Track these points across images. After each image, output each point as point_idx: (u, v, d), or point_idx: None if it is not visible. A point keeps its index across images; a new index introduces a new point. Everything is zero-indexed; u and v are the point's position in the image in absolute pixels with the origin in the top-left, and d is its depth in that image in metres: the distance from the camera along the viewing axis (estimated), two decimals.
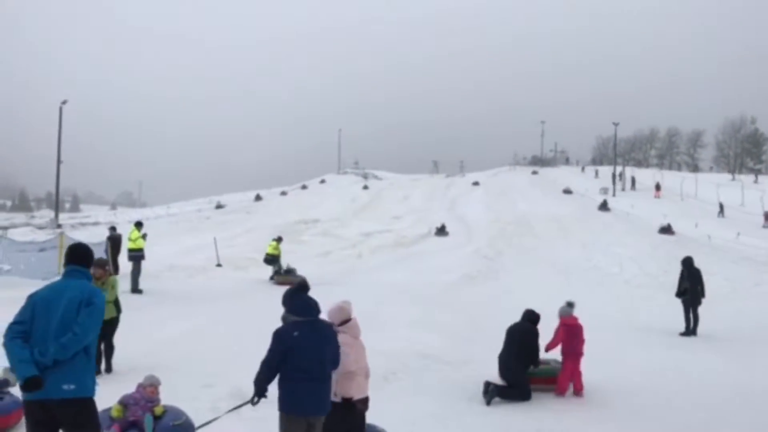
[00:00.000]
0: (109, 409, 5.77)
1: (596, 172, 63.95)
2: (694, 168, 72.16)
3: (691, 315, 13.89)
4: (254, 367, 4.95)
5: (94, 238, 22.71)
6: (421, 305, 15.23)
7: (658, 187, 51.28)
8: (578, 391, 8.56)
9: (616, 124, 59.11)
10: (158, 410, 5.81)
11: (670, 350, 11.72)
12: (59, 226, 43.49)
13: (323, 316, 5.22)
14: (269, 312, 13.18)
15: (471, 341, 11.54)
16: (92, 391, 4.24)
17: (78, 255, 4.51)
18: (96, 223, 52.12)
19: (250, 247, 28.63)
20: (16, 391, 6.26)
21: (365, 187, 64.16)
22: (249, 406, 5.00)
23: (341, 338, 5.28)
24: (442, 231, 34.32)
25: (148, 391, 5.96)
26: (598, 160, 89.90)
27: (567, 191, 51.65)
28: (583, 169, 73.64)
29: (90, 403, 4.21)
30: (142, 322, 11.83)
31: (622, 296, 19.37)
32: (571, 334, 8.66)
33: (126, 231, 20.17)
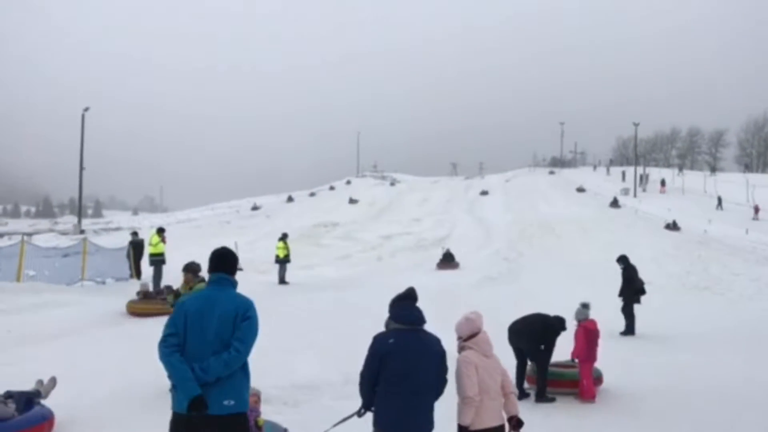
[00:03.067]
0: None
1: (623, 174, 62.90)
2: (713, 168, 71.12)
3: (624, 313, 13.77)
4: (276, 373, 4.91)
5: (117, 243, 22.99)
6: (443, 307, 15.15)
7: (663, 183, 54.35)
8: (591, 398, 8.40)
9: (636, 125, 58.49)
10: (260, 422, 5.61)
11: (692, 352, 11.57)
12: (82, 231, 43.94)
13: (438, 328, 4.79)
14: (289, 317, 13.32)
15: (499, 344, 11.49)
16: (248, 404, 4.18)
17: (224, 261, 4.31)
18: (118, 228, 52.65)
19: (269, 251, 28.73)
20: (47, 401, 6.33)
21: (392, 184, 67.78)
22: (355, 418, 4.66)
23: (466, 355, 4.80)
24: (448, 259, 25.97)
25: (252, 401, 5.80)
26: (617, 161, 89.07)
27: (580, 189, 53.51)
28: (608, 170, 72.61)
29: (245, 418, 4.13)
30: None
31: (644, 298, 19.15)
32: (590, 337, 8.50)
33: (148, 236, 20.41)
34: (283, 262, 21.54)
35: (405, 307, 4.65)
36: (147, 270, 18.01)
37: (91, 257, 18.05)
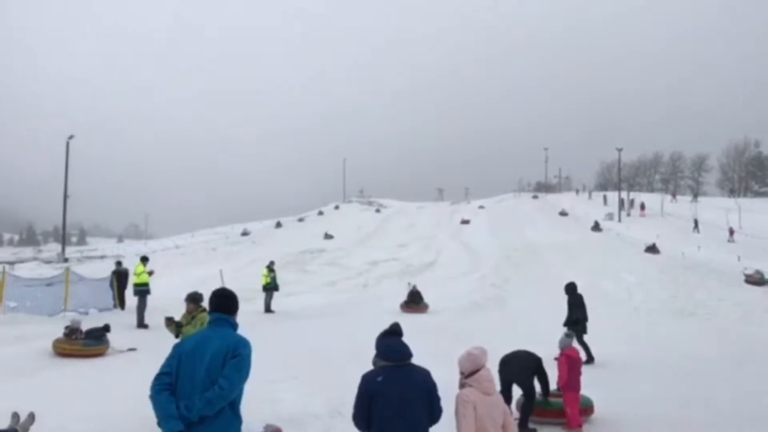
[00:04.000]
0: None
1: (605, 198, 63.75)
2: (695, 194, 71.86)
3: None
4: (260, 404, 4.86)
5: (101, 272, 22.75)
6: (429, 336, 15.09)
7: (642, 207, 55.75)
8: (578, 426, 8.33)
9: (619, 150, 59.26)
10: None
11: (681, 379, 11.54)
12: (66, 260, 43.58)
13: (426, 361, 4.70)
14: (274, 346, 13.17)
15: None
16: None
17: (222, 302, 4.32)
18: (103, 257, 52.25)
19: (255, 278, 28.57)
20: None
21: (377, 211, 67.98)
22: None
23: (465, 393, 4.67)
24: (415, 300, 21.53)
25: None
26: (602, 186, 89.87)
27: (563, 213, 54.85)
28: (590, 195, 73.29)
29: None
30: (147, 358, 11.76)
31: (632, 323, 19.19)
32: (572, 365, 8.48)
33: (133, 263, 20.22)
34: (269, 289, 21.38)
35: (390, 344, 4.57)
36: (132, 300, 17.80)
37: (74, 287, 17.82)
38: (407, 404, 4.33)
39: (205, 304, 8.37)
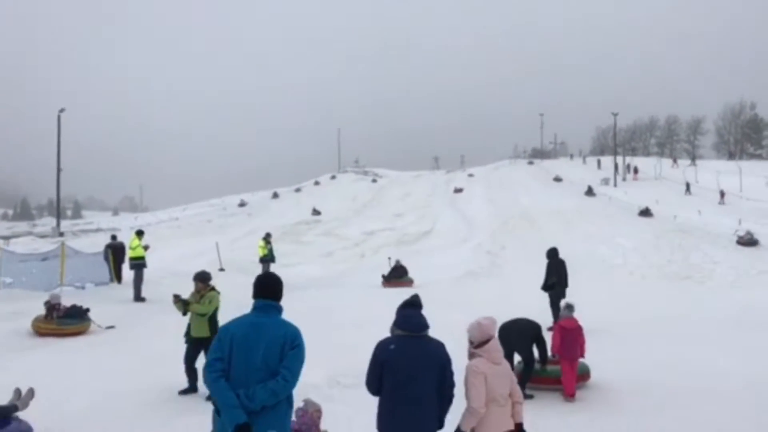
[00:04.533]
0: None
1: (599, 163, 63.88)
2: (693, 157, 71.62)
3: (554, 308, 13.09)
4: None
5: (97, 245, 22.71)
6: (426, 305, 15.17)
7: (635, 171, 55.79)
8: (570, 396, 8.38)
9: (615, 114, 59.18)
10: None
11: (676, 343, 11.61)
12: (61, 234, 43.49)
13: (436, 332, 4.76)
14: None
15: None
16: None
17: (269, 288, 4.24)
18: (98, 230, 52.15)
19: (251, 250, 28.60)
20: (23, 415, 6.18)
21: (374, 181, 67.69)
22: None
23: (475, 364, 4.71)
24: (399, 274, 20.50)
25: (315, 416, 5.61)
26: (598, 151, 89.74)
27: (557, 179, 54.86)
28: (584, 160, 73.32)
29: None
30: (144, 333, 11.79)
31: (626, 288, 19.29)
32: (565, 336, 8.53)
33: (128, 237, 20.17)
34: (266, 261, 21.39)
35: (408, 314, 4.68)
36: (128, 273, 17.78)
37: (69, 261, 17.78)
38: (415, 374, 4.41)
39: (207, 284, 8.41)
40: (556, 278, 13.29)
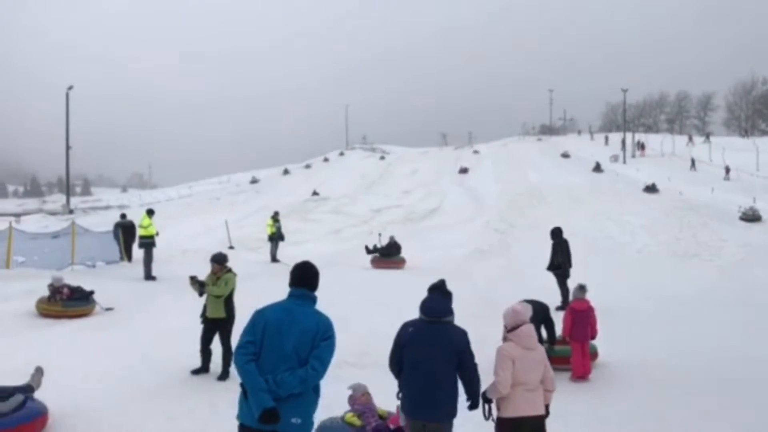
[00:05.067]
0: (337, 418, 5.65)
1: (606, 139, 63.57)
2: (707, 135, 70.75)
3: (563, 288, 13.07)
4: None
5: (106, 224, 22.83)
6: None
7: (642, 147, 55.90)
8: (582, 376, 8.42)
9: (624, 91, 58.77)
10: (382, 412, 5.69)
11: (684, 323, 11.65)
12: (71, 211, 43.75)
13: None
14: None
15: (486, 319, 11.50)
16: (313, 425, 4.13)
17: (306, 278, 4.28)
18: (107, 207, 52.47)
19: (260, 227, 28.67)
20: (38, 395, 6.29)
21: (382, 158, 67.16)
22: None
23: (505, 347, 4.82)
24: (391, 252, 19.61)
25: (364, 399, 5.74)
26: (607, 127, 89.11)
27: (565, 155, 55.22)
28: (592, 136, 72.84)
29: None
30: (155, 312, 11.90)
31: (635, 267, 19.28)
32: (576, 318, 8.56)
33: (137, 214, 20.27)
34: (274, 239, 21.46)
35: (429, 299, 4.91)
36: (138, 252, 17.89)
37: (80, 239, 17.90)
38: (429, 358, 4.59)
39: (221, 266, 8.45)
40: (561, 258, 13.28)
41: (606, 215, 28.03)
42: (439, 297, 4.91)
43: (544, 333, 8.63)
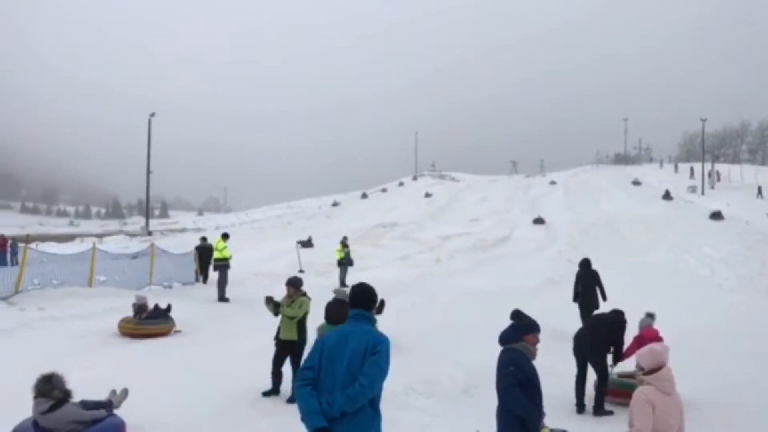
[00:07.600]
0: None
1: (691, 171, 60.82)
2: None
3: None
4: None
5: (183, 244, 23.61)
6: (503, 312, 15.02)
7: (718, 177, 55.25)
8: None
9: (704, 120, 56.68)
10: None
11: (763, 361, 11.09)
12: (150, 233, 45.36)
13: None
14: None
15: (554, 351, 11.27)
16: None
17: (360, 298, 4.35)
18: (183, 230, 54.09)
19: (329, 251, 29.03)
20: (119, 412, 6.53)
21: (427, 195, 59.75)
22: None
23: (644, 391, 4.40)
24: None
25: None
26: (684, 157, 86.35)
27: (636, 183, 55.18)
28: (676, 168, 69.49)
29: None
30: (228, 333, 12.16)
31: (714, 301, 18.50)
32: (644, 345, 8.30)
33: (212, 237, 20.91)
34: (343, 264, 21.73)
35: (509, 327, 5.12)
36: (213, 274, 18.42)
37: (158, 260, 18.60)
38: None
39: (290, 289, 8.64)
40: (583, 289, 13.27)
41: (683, 247, 27.12)
42: (505, 330, 5.03)
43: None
